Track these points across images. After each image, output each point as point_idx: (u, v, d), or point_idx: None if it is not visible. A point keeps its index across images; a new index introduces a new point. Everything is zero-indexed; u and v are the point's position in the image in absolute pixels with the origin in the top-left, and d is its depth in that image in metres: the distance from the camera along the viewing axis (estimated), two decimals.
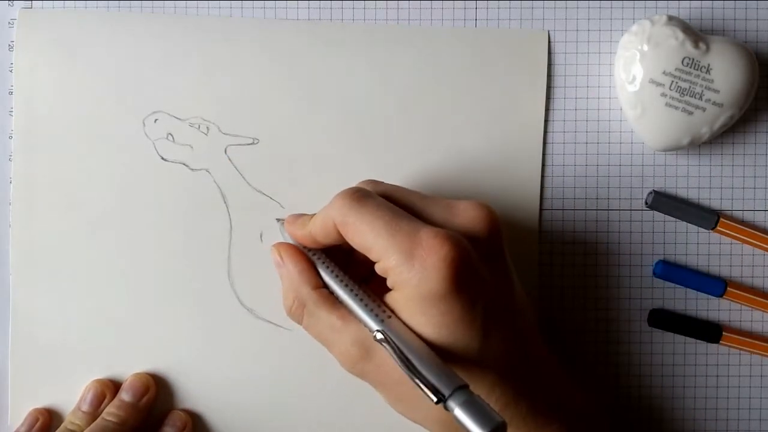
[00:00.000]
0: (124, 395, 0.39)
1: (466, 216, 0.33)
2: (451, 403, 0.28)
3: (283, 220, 0.38)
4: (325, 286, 0.35)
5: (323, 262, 0.35)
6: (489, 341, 0.32)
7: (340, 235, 0.33)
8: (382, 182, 0.35)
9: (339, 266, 0.35)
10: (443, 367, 0.29)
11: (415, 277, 0.31)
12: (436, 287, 0.30)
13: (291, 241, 0.37)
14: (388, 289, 0.32)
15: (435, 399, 0.28)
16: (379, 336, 0.31)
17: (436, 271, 0.30)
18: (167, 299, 0.40)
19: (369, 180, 0.36)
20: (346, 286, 0.34)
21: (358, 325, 0.33)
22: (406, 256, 0.31)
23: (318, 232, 0.34)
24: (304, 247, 0.36)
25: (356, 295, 0.33)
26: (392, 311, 0.32)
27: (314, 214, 0.35)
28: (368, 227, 0.32)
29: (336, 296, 0.34)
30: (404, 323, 0.31)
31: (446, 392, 0.28)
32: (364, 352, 0.32)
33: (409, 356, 0.29)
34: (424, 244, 0.31)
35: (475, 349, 0.31)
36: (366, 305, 0.32)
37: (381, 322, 0.31)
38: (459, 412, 0.28)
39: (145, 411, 0.40)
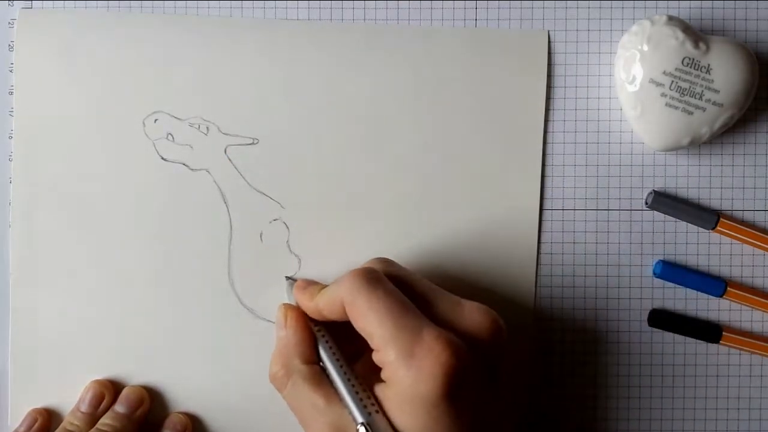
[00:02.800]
0: (119, 407, 0.39)
1: (472, 319, 0.33)
2: None
3: (292, 279, 0.39)
4: (318, 360, 0.35)
5: (324, 337, 0.35)
6: None
7: (345, 314, 0.33)
8: (395, 263, 0.36)
9: (338, 338, 0.35)
10: None
11: (410, 377, 0.31)
12: (430, 392, 0.30)
13: (295, 302, 0.37)
14: (379, 376, 0.32)
15: None
16: (362, 430, 0.31)
17: (432, 376, 0.30)
18: (167, 299, 0.40)
19: (383, 258, 0.36)
20: (341, 368, 0.34)
21: (340, 410, 0.32)
22: (405, 354, 0.31)
23: (325, 307, 0.34)
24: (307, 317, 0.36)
25: (349, 380, 0.33)
26: (380, 404, 0.32)
27: (324, 286, 0.35)
28: (374, 315, 0.32)
29: (328, 375, 0.34)
30: (389, 419, 0.31)
31: None
32: None
33: None
34: (425, 345, 0.31)
35: None
36: (356, 393, 0.32)
37: (368, 415, 0.31)
38: None
39: (140, 423, 0.40)
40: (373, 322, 0.32)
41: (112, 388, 0.40)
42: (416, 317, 0.32)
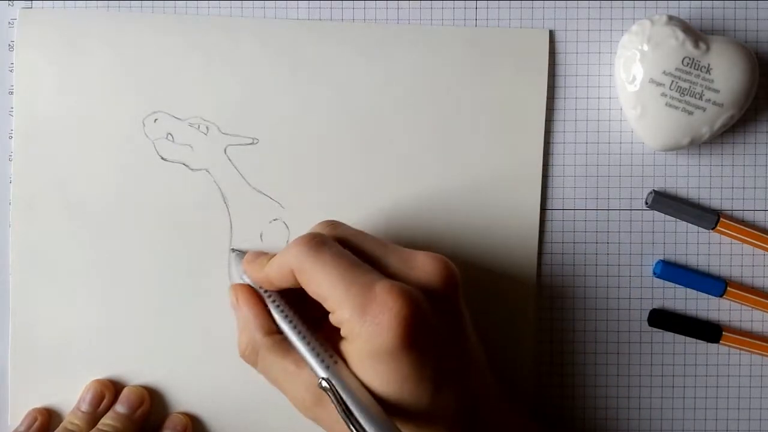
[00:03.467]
0: (120, 407, 0.39)
1: (424, 269, 0.33)
2: None
3: (237, 251, 0.39)
4: (279, 329, 0.35)
5: (277, 305, 0.35)
6: (439, 397, 0.31)
7: (296, 282, 0.33)
8: (342, 224, 0.35)
9: (295, 305, 0.35)
10: (387, 421, 0.30)
11: (366, 332, 0.30)
12: (387, 344, 0.30)
13: (245, 278, 0.37)
14: (341, 337, 0.32)
15: None
16: (324, 384, 0.31)
17: (388, 328, 0.30)
18: (167, 299, 0.40)
19: (328, 221, 0.36)
20: (297, 330, 0.34)
21: (309, 372, 0.32)
22: (359, 310, 0.31)
23: (274, 276, 0.34)
24: (260, 287, 0.36)
25: (304, 339, 0.33)
26: (343, 359, 0.32)
27: (272, 255, 0.35)
28: (324, 277, 0.32)
29: (288, 341, 0.34)
30: (354, 374, 0.31)
31: None
32: (317, 399, 0.32)
33: (351, 407, 0.30)
34: (378, 299, 0.31)
35: (424, 405, 0.31)
36: (314, 350, 0.32)
37: (326, 368, 0.31)
38: None
39: (140, 423, 0.40)
40: (323, 285, 0.32)
41: (113, 387, 0.40)
42: (367, 273, 0.32)
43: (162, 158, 0.40)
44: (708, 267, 0.41)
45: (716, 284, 0.40)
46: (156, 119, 0.40)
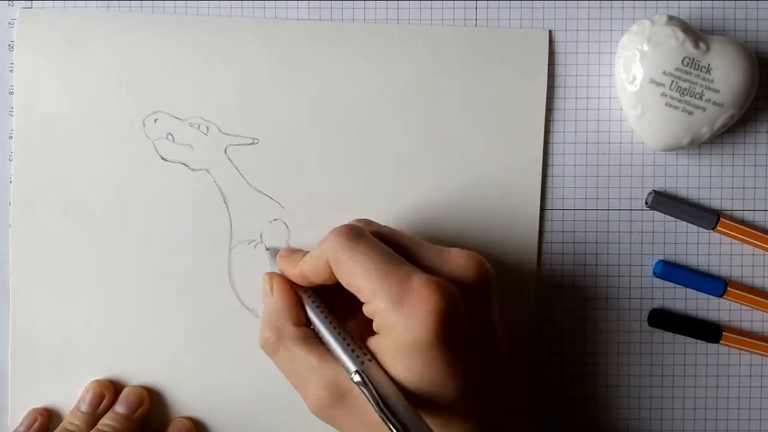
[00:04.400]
0: (119, 408, 0.39)
1: (458, 264, 0.33)
2: None
3: (273, 249, 0.39)
4: (308, 323, 0.35)
5: (310, 298, 0.35)
6: (468, 392, 0.32)
7: (332, 275, 0.33)
8: (375, 222, 0.36)
9: (326, 303, 0.35)
10: (417, 417, 0.30)
11: (401, 324, 0.31)
12: (422, 337, 0.30)
13: (280, 272, 0.37)
14: (372, 333, 0.32)
15: None
16: (357, 378, 0.31)
17: (424, 321, 0.30)
18: (167, 299, 0.40)
19: (362, 219, 0.36)
20: (331, 324, 0.34)
21: (335, 367, 0.32)
22: (394, 301, 0.31)
23: (310, 270, 0.34)
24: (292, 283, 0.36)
25: (339, 334, 0.33)
26: (373, 356, 0.32)
27: (306, 252, 0.35)
28: (360, 268, 0.32)
29: (319, 334, 0.34)
30: (384, 368, 0.31)
31: None
32: (335, 396, 0.32)
33: (388, 401, 0.30)
34: (414, 292, 0.31)
35: (454, 399, 0.31)
36: (347, 345, 0.32)
37: (361, 363, 0.31)
38: None
39: (140, 423, 0.40)
40: (359, 276, 0.32)
41: (112, 388, 0.40)
42: (403, 266, 0.32)
43: (162, 158, 0.40)
44: (708, 267, 0.41)
45: (716, 284, 0.40)
46: (156, 119, 0.40)
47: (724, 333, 0.41)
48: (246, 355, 0.40)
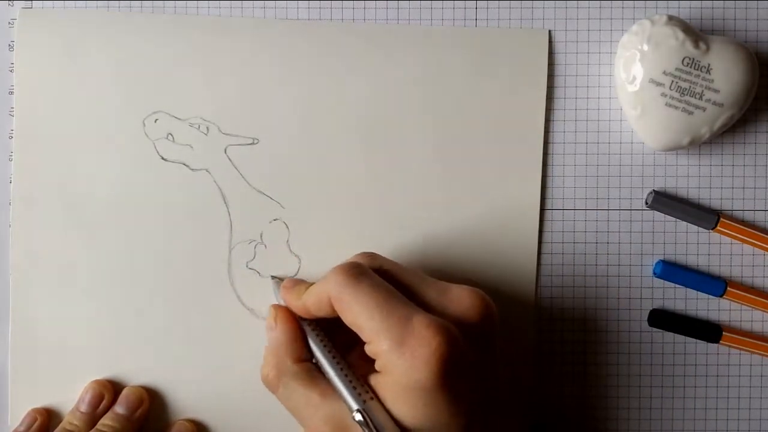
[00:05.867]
0: (119, 408, 0.39)
1: (461, 303, 0.33)
2: None
3: (278, 279, 0.39)
4: (311, 356, 0.35)
5: (314, 331, 0.35)
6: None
7: (334, 311, 0.33)
8: (379, 256, 0.36)
9: (329, 334, 0.35)
10: None
11: (403, 365, 0.31)
12: (424, 379, 0.30)
13: (282, 302, 0.37)
14: (373, 365, 0.32)
15: None
16: (358, 417, 0.31)
17: (426, 363, 0.30)
18: (167, 299, 0.40)
19: (367, 253, 0.36)
20: (334, 359, 0.34)
21: (336, 403, 0.32)
22: (396, 343, 0.31)
23: (312, 304, 0.34)
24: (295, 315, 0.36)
25: (342, 370, 0.33)
26: (375, 394, 0.32)
27: (310, 284, 0.35)
28: (362, 308, 0.32)
29: (321, 368, 0.34)
30: (385, 407, 0.31)
31: None
32: (337, 431, 0.32)
33: None
34: (415, 333, 0.31)
35: None
36: (350, 383, 0.32)
37: (363, 402, 0.31)
38: None
39: (139, 423, 0.40)
40: (361, 315, 0.32)
41: (112, 388, 0.40)
42: (405, 306, 0.32)
43: (162, 158, 0.40)
44: (708, 267, 0.41)
45: (716, 284, 0.40)
46: (156, 119, 0.40)
47: (724, 333, 0.41)
48: (246, 354, 0.40)
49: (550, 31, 0.40)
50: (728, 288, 0.40)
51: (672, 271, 0.40)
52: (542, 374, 0.41)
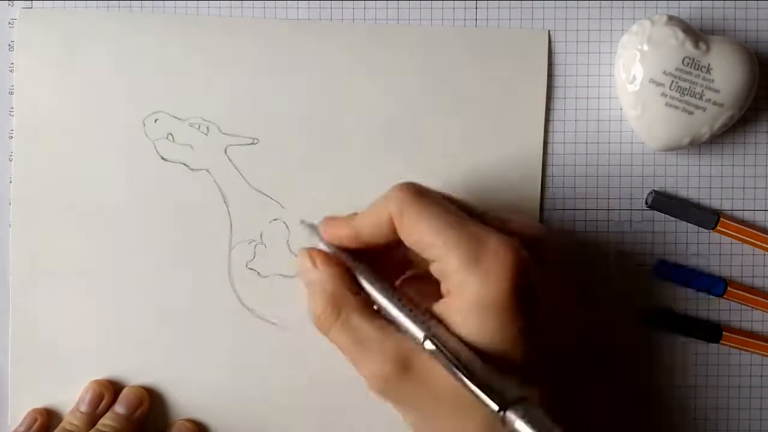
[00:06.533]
0: (118, 408, 0.39)
1: (523, 230, 0.32)
2: (512, 415, 0.27)
3: (310, 223, 0.35)
4: (362, 291, 0.32)
5: (362, 265, 0.33)
6: (541, 357, 0.31)
7: (390, 234, 0.31)
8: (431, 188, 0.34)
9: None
10: (500, 376, 0.28)
11: (477, 282, 0.29)
12: (500, 296, 0.29)
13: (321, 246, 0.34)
14: (428, 300, 0.31)
15: (496, 408, 0.27)
16: (428, 345, 0.29)
17: (502, 280, 0.29)
18: (167, 299, 0.40)
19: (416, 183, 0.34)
20: (390, 291, 0.31)
21: (398, 338, 0.30)
22: (470, 259, 0.29)
23: (367, 226, 0.32)
24: (338, 253, 0.33)
25: (400, 300, 0.31)
26: (439, 320, 0.30)
27: (352, 214, 0.33)
28: (430, 223, 0.30)
29: (377, 304, 0.32)
30: (453, 331, 0.30)
31: (506, 401, 0.27)
32: (401, 370, 0.30)
33: (466, 363, 0.28)
34: (491, 250, 0.30)
35: (527, 362, 0.30)
36: (411, 311, 0.30)
37: (428, 329, 0.29)
38: (520, 425, 0.27)
39: (139, 423, 0.40)
40: (429, 232, 0.30)
41: (112, 388, 0.40)
42: (475, 224, 0.31)
43: (162, 158, 0.40)
44: (708, 267, 0.41)
45: (716, 284, 0.40)
46: (156, 119, 0.40)
47: (724, 333, 0.40)
48: (246, 354, 0.40)
49: (549, 31, 0.40)
50: (728, 288, 0.40)
51: (672, 271, 0.40)
52: None
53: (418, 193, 0.31)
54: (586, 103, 0.41)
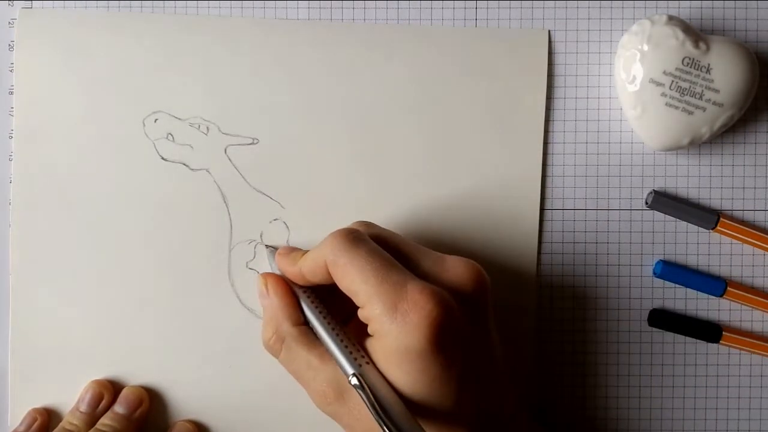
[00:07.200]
0: (118, 408, 0.39)
1: (455, 272, 0.33)
2: None
3: (271, 247, 0.39)
4: (307, 322, 0.35)
5: (308, 298, 0.36)
6: (463, 399, 0.32)
7: (329, 276, 0.33)
8: (377, 225, 0.36)
9: (323, 301, 0.35)
10: (413, 420, 0.30)
11: (395, 330, 0.31)
12: (416, 344, 0.30)
13: (277, 271, 0.37)
14: (368, 333, 0.33)
15: None
16: (354, 381, 0.31)
17: (418, 328, 0.30)
18: (167, 299, 0.40)
19: (363, 222, 0.36)
20: (329, 324, 0.34)
21: (336, 366, 0.33)
22: (389, 307, 0.31)
23: (308, 269, 0.35)
24: (290, 281, 0.36)
25: (337, 335, 0.33)
26: (370, 358, 0.32)
27: (306, 251, 0.36)
28: (357, 271, 0.32)
29: (316, 333, 0.34)
30: (380, 372, 0.31)
31: None
32: (338, 394, 0.32)
33: (384, 404, 0.30)
34: (409, 298, 0.31)
35: (448, 406, 0.31)
36: (345, 347, 0.32)
37: (358, 366, 0.31)
38: None
39: (139, 423, 0.40)
40: (356, 280, 0.32)
41: (112, 388, 0.40)
42: (400, 272, 0.32)
43: (162, 158, 0.40)
44: (708, 267, 0.41)
45: (716, 284, 0.40)
46: (156, 119, 0.40)
47: (724, 333, 0.41)
48: (246, 354, 0.40)
49: (549, 31, 0.40)
50: (728, 288, 0.40)
51: (672, 271, 0.40)
52: (542, 374, 0.41)
53: (350, 240, 0.33)
54: (586, 103, 0.41)
